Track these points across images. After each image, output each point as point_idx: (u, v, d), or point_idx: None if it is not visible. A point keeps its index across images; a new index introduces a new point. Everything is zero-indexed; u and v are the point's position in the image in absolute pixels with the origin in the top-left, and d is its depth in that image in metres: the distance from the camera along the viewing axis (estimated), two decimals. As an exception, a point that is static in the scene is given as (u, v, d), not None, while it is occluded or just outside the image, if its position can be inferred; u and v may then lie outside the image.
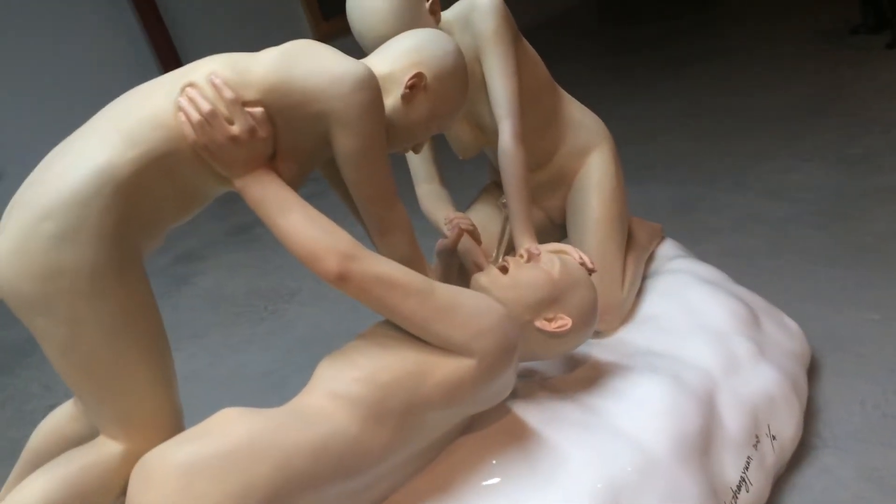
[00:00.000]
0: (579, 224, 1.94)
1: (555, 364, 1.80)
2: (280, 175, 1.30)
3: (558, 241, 2.10)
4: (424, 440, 1.34)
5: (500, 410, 1.54)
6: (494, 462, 1.44)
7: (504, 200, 1.87)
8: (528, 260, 1.57)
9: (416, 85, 1.41)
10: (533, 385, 1.67)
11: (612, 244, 1.91)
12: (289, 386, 2.66)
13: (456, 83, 1.46)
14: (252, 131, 1.23)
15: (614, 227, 1.93)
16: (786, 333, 1.97)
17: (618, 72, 5.63)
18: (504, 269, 1.55)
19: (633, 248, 2.06)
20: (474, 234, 1.79)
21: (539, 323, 1.50)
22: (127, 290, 1.21)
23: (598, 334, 1.92)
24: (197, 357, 3.06)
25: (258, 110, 1.24)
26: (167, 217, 1.27)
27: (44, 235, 1.15)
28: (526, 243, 1.69)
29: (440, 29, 1.75)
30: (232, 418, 1.21)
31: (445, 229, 1.80)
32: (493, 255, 1.91)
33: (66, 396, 3.01)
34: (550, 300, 1.51)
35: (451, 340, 1.30)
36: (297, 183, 1.35)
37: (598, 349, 1.84)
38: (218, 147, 1.21)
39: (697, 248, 2.80)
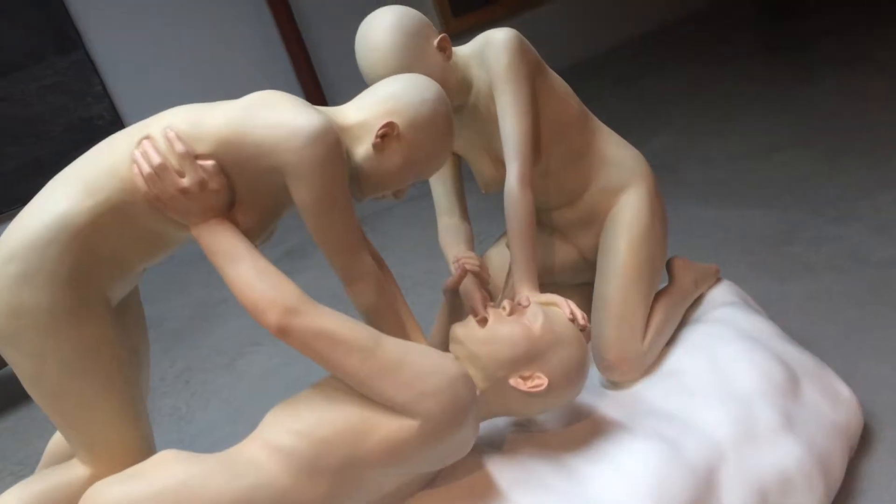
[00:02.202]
0: (604, 267, 1.85)
1: (555, 412, 1.73)
2: (239, 224, 1.34)
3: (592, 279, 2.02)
4: (368, 496, 1.33)
5: (471, 465, 1.51)
6: (450, 521, 1.41)
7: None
8: (511, 312, 1.51)
9: (387, 134, 1.39)
10: (520, 438, 1.62)
11: (635, 291, 1.80)
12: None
13: (433, 132, 1.43)
14: (202, 184, 1.26)
15: (640, 274, 1.82)
16: (831, 402, 1.77)
17: (749, 74, 5.25)
18: (484, 321, 1.51)
19: (671, 293, 1.94)
20: (480, 276, 1.75)
21: (513, 381, 1.45)
22: (85, 330, 1.29)
23: (614, 385, 1.82)
24: (278, 353, 3.19)
25: (209, 163, 1.27)
26: (133, 260, 1.34)
27: (9, 275, 1.25)
28: (524, 292, 1.63)
29: (455, 65, 1.71)
30: (166, 461, 1.26)
31: (453, 268, 1.77)
32: (498, 298, 1.86)
33: (155, 383, 3.25)
34: (528, 357, 1.45)
35: (393, 400, 1.28)
36: (258, 231, 1.38)
37: (606, 402, 1.75)
38: (169, 198, 1.26)
39: (783, 287, 2.58)
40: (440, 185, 1.91)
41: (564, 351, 1.47)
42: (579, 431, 1.64)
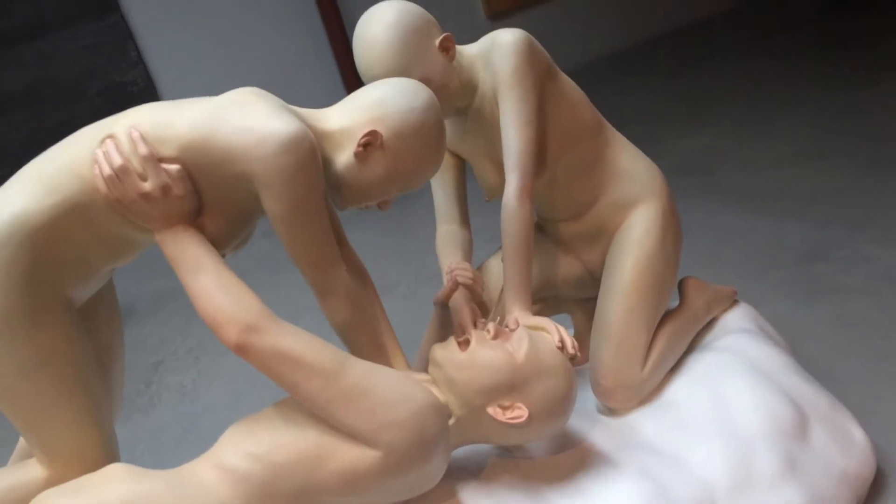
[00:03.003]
0: (607, 287, 1.75)
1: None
2: (205, 231, 1.27)
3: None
4: None
5: (443, 492, 1.43)
6: (413, 552, 1.34)
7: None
8: (495, 336, 1.42)
9: (370, 143, 1.31)
10: (501, 464, 1.53)
11: (638, 315, 1.70)
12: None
13: (420, 144, 1.34)
14: (165, 189, 1.20)
15: (645, 296, 1.71)
16: (842, 447, 1.65)
17: (801, 72, 5.00)
18: (466, 343, 1.43)
19: (679, 316, 1.83)
20: (473, 289, 1.66)
21: (492, 410, 1.37)
22: (41, 333, 1.24)
23: (610, 411, 1.73)
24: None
25: (174, 168, 1.20)
26: (97, 262, 1.28)
27: None
28: (515, 313, 1.54)
29: (459, 66, 1.61)
30: (113, 477, 1.21)
31: (445, 279, 1.69)
32: (492, 312, 1.77)
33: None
34: (508, 387, 1.37)
35: (354, 429, 1.21)
36: (228, 239, 1.31)
37: (598, 429, 1.66)
38: (130, 202, 1.20)
39: (809, 309, 2.44)
40: (441, 190, 1.82)
41: (549, 382, 1.38)
42: (564, 462, 1.55)
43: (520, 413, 1.36)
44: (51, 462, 1.32)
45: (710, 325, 1.96)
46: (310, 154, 1.21)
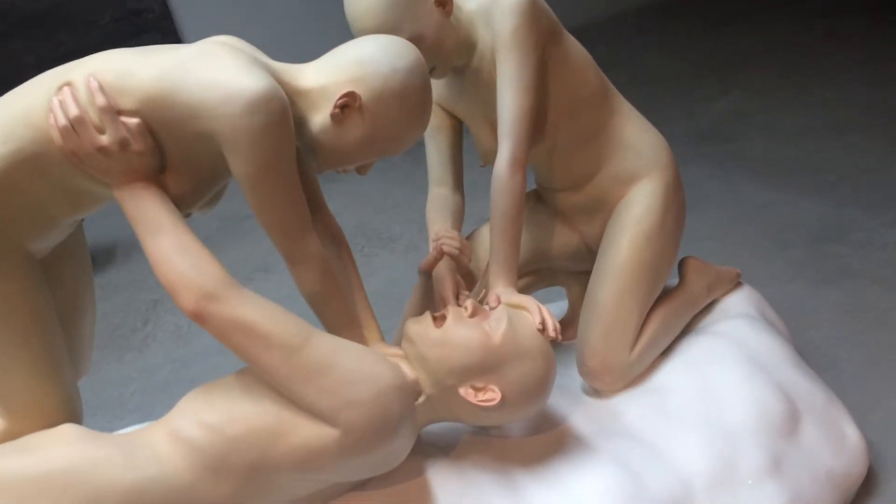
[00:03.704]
0: (601, 265, 1.67)
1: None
2: (168, 190, 1.20)
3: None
4: (281, 498, 1.23)
5: (410, 469, 1.39)
6: (373, 531, 1.31)
7: None
8: (473, 314, 1.36)
9: (347, 105, 1.23)
10: (474, 441, 1.49)
11: (630, 296, 1.62)
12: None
13: (401, 108, 1.25)
14: (123, 143, 1.13)
15: (640, 277, 1.63)
16: (833, 446, 1.59)
17: (842, 34, 4.77)
18: (442, 320, 1.36)
19: (676, 298, 1.75)
20: (458, 260, 1.59)
21: (463, 391, 1.31)
22: None
23: (595, 392, 1.67)
24: (288, 283, 3.09)
25: (133, 121, 1.13)
26: (56, 213, 1.23)
27: None
28: (498, 288, 1.47)
29: (457, 22, 1.51)
30: (63, 437, 1.18)
31: (431, 246, 1.62)
32: (477, 286, 1.70)
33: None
34: (482, 368, 1.31)
35: (314, 406, 1.16)
36: (193, 199, 1.25)
37: (579, 410, 1.61)
38: (86, 156, 1.13)
39: (817, 292, 2.35)
40: (435, 152, 1.73)
41: (525, 365, 1.32)
42: (539, 444, 1.50)
43: (492, 396, 1.31)
44: (8, 415, 1.28)
45: (709, 307, 1.88)
46: (279, 114, 1.14)
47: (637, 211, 1.66)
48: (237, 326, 1.14)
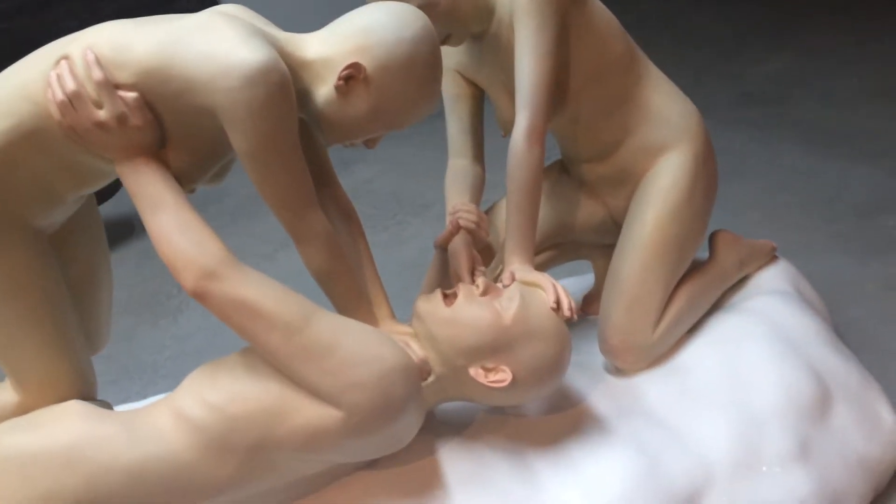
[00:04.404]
0: (625, 239, 1.61)
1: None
2: (170, 165, 1.18)
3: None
4: (285, 478, 1.22)
5: (421, 448, 1.37)
6: (381, 511, 1.29)
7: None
8: (484, 292, 1.32)
9: (352, 76, 1.18)
10: (490, 420, 1.45)
11: (655, 272, 1.56)
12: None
13: (408, 80, 1.20)
14: (121, 118, 1.10)
15: (665, 252, 1.57)
16: (866, 431, 1.52)
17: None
18: (452, 298, 1.33)
19: (705, 273, 1.68)
20: (476, 234, 1.54)
21: (473, 371, 1.28)
22: (2, 262, 1.19)
23: (617, 370, 1.62)
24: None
25: (131, 96, 1.11)
26: (60, 189, 1.21)
27: None
28: (514, 265, 1.42)
29: None
30: (68, 414, 1.18)
31: (448, 220, 1.58)
32: (493, 262, 1.65)
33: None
34: (492, 348, 1.27)
35: (316, 387, 1.14)
36: (196, 174, 1.22)
37: (599, 390, 1.56)
38: (84, 131, 1.11)
39: (861, 267, 2.25)
40: (454, 120, 1.68)
41: (537, 346, 1.28)
42: (555, 424, 1.46)
43: (503, 377, 1.27)
44: (22, 389, 1.30)
45: (741, 282, 1.81)
46: (279, 87, 1.10)
47: (663, 183, 1.59)
48: (238, 306, 1.12)
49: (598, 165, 1.68)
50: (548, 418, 1.48)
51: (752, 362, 1.54)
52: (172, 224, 1.13)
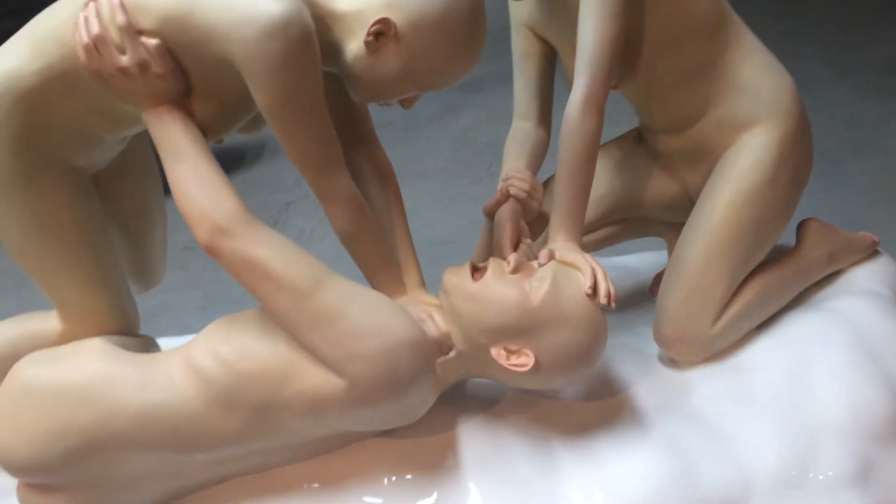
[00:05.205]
0: (693, 221, 1.47)
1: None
2: (195, 115, 1.16)
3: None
4: (295, 438, 1.22)
5: (442, 422, 1.33)
6: (387, 482, 1.27)
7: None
8: (515, 270, 1.24)
9: (382, 32, 1.11)
10: (520, 401, 1.39)
11: (720, 260, 1.42)
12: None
13: (442, 38, 1.12)
14: (143, 65, 1.09)
15: (735, 240, 1.42)
16: (946, 461, 1.35)
17: None
18: (481, 273, 1.26)
19: (787, 265, 1.52)
20: (526, 204, 1.46)
21: (495, 351, 1.22)
22: (41, 198, 1.22)
23: (670, 361, 1.51)
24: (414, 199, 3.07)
25: (153, 42, 1.09)
26: (95, 131, 1.22)
27: None
28: (558, 242, 1.33)
29: None
30: (89, 352, 1.21)
31: (499, 186, 1.50)
32: (542, 236, 1.55)
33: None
34: (517, 330, 1.20)
35: (321, 355, 1.12)
36: (221, 125, 1.20)
37: (646, 380, 1.46)
38: (109, 76, 1.11)
39: None
40: (522, 80, 1.58)
41: (565, 332, 1.20)
42: (588, 411, 1.38)
43: (525, 361, 1.20)
44: (64, 319, 1.35)
45: (831, 278, 1.63)
46: (301, 41, 1.05)
47: (744, 163, 1.44)
48: (247, 265, 1.10)
49: (675, 138, 1.54)
50: (582, 405, 1.40)
51: (822, 370, 1.39)
52: (190, 176, 1.11)
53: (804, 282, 1.56)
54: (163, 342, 1.58)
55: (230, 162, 3.69)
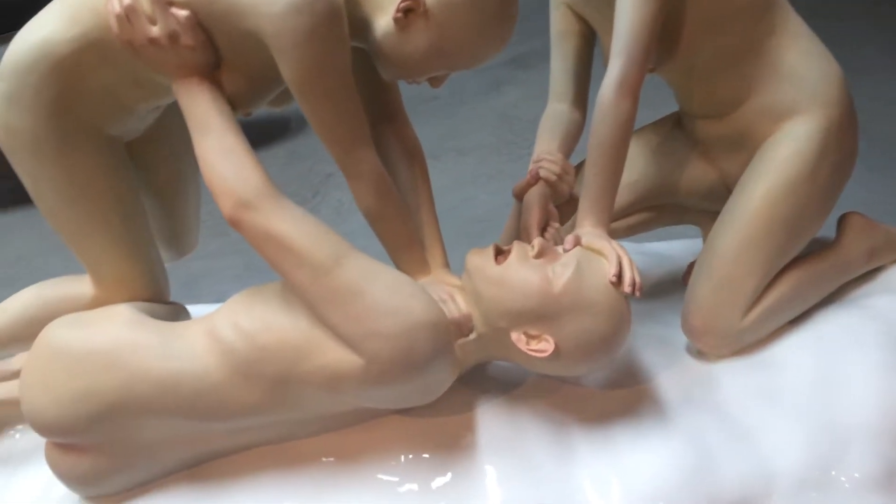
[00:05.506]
0: (727, 211, 1.44)
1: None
2: (224, 88, 1.17)
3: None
4: (314, 412, 1.23)
5: (461, 402, 1.33)
6: (404, 459, 1.28)
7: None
8: (539, 255, 1.23)
9: (411, 9, 1.10)
10: (538, 388, 1.37)
11: (753, 252, 1.39)
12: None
13: (471, 17, 1.10)
14: (173, 37, 1.09)
15: (771, 231, 1.38)
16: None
17: None
18: (505, 256, 1.25)
19: (822, 260, 1.48)
20: (556, 187, 1.44)
21: (515, 336, 1.21)
22: (73, 161, 1.24)
23: (698, 352, 1.48)
24: (447, 174, 3.06)
25: (183, 14, 1.09)
26: (128, 100, 1.24)
27: (0, 93, 1.22)
28: (585, 228, 1.31)
29: None
30: (115, 318, 1.23)
31: (529, 168, 1.48)
32: (571, 220, 1.52)
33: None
34: (537, 315, 1.19)
35: (340, 331, 1.12)
36: (251, 99, 1.20)
37: (671, 372, 1.44)
38: (140, 46, 1.11)
39: None
40: (559, 60, 1.55)
41: (586, 320, 1.18)
42: (610, 399, 1.36)
43: (545, 347, 1.19)
44: (96, 284, 1.38)
45: (870, 275, 1.58)
46: (328, 16, 1.04)
47: (784, 152, 1.40)
48: (270, 239, 1.11)
49: (714, 124, 1.50)
50: (604, 392, 1.38)
51: (854, 370, 1.36)
52: (216, 148, 1.12)
53: (841, 278, 1.52)
54: (198, 309, 1.61)
55: (274, 132, 3.72)
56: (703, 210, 1.65)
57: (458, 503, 1.23)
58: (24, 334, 1.37)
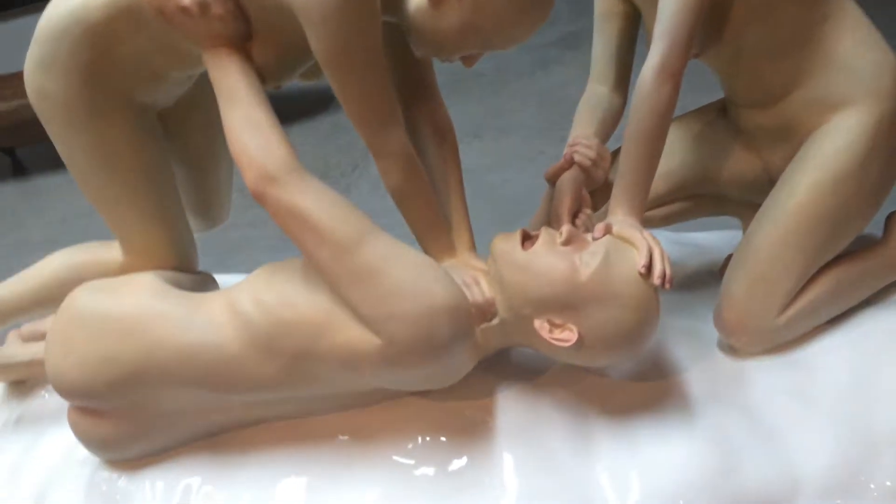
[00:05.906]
0: (770, 203, 1.38)
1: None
2: (254, 59, 1.16)
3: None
4: (331, 389, 1.22)
5: (482, 387, 1.31)
6: (421, 441, 1.27)
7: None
8: (566, 242, 1.20)
9: None
10: (561, 377, 1.35)
11: (792, 249, 1.33)
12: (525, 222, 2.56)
13: None
14: (204, 6, 1.08)
15: (813, 227, 1.33)
16: None
17: None
18: (532, 242, 1.22)
19: (866, 259, 1.42)
20: (590, 172, 1.40)
21: (538, 323, 1.18)
22: (103, 127, 1.25)
23: (730, 349, 1.44)
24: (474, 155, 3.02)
25: None
26: (160, 67, 1.24)
27: (34, 58, 1.23)
28: (618, 216, 1.27)
29: None
30: (140, 286, 1.24)
31: (564, 152, 1.44)
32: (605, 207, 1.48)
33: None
34: (562, 304, 1.16)
35: (360, 311, 1.11)
36: (280, 72, 1.19)
37: (701, 367, 1.39)
38: (171, 14, 1.11)
39: None
40: (601, 42, 1.51)
41: (612, 311, 1.15)
42: (635, 391, 1.33)
43: (569, 336, 1.16)
44: (125, 250, 1.39)
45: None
46: None
47: (832, 146, 1.33)
48: (293, 214, 1.10)
49: (760, 113, 1.44)
50: (629, 384, 1.35)
51: (891, 375, 1.31)
52: (243, 121, 1.11)
53: (884, 279, 1.45)
54: (228, 279, 1.61)
55: (316, 104, 3.72)
56: (745, 202, 1.59)
57: (473, 488, 1.22)
58: (53, 297, 1.39)
